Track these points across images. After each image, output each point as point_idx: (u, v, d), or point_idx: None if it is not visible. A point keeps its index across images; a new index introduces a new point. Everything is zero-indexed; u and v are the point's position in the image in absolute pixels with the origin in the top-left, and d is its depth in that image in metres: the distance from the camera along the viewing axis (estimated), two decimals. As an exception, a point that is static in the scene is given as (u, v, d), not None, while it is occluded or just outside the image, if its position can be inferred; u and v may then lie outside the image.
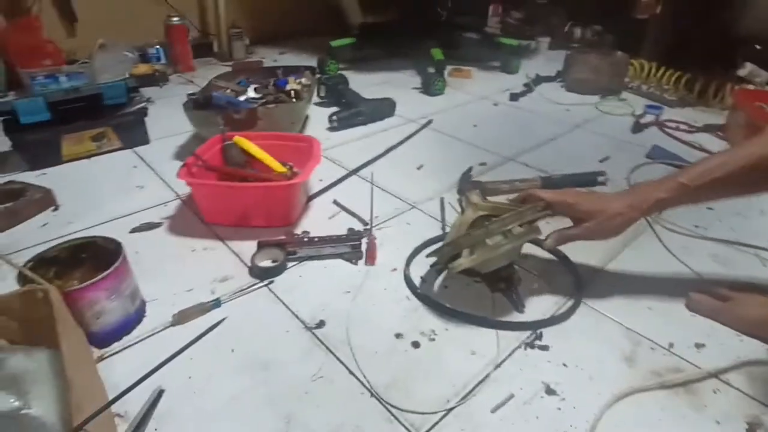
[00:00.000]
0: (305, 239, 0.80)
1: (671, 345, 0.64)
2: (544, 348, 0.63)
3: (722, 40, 1.67)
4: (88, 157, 1.13)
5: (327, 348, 0.63)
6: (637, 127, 1.36)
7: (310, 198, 0.97)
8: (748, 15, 1.67)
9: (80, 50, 1.75)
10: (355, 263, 0.79)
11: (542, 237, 0.69)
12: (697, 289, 0.71)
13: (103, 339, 0.62)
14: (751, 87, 1.49)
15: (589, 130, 1.37)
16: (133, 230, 0.86)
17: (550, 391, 0.58)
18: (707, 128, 1.36)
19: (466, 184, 1.01)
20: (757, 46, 1.60)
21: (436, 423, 0.54)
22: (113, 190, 0.99)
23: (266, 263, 0.77)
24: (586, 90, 1.65)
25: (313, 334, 0.65)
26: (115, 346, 0.63)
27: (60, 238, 0.82)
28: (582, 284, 0.74)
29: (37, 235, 0.84)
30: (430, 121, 1.38)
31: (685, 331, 0.67)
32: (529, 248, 0.82)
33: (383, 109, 1.41)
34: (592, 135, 1.34)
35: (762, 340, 0.64)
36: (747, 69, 1.52)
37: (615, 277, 0.77)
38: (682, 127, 1.38)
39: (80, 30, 1.77)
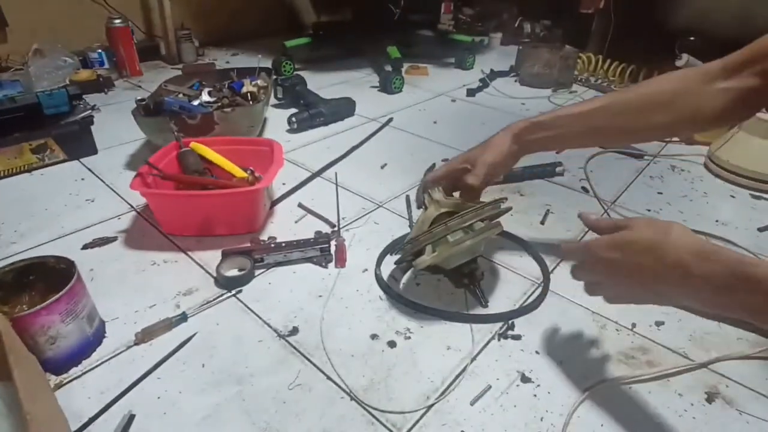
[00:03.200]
0: (272, 245, 0.78)
1: (634, 325, 0.67)
2: (517, 338, 0.65)
3: (661, 32, 1.76)
4: (30, 170, 1.05)
5: (302, 355, 0.62)
6: (589, 118, 1.41)
7: (274, 203, 0.95)
8: (683, 9, 1.78)
9: (12, 56, 1.63)
10: (325, 266, 0.78)
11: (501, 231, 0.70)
12: None
13: (60, 365, 0.58)
14: (688, 76, 1.58)
15: (544, 123, 1.41)
16: (86, 246, 0.81)
17: (525, 379, 0.59)
18: (652, 117, 1.44)
19: (430, 180, 1.02)
20: (692, 38, 1.70)
21: (417, 421, 0.54)
22: (60, 205, 0.93)
23: (232, 272, 0.75)
24: (539, 84, 1.70)
25: (287, 341, 0.64)
26: (74, 371, 0.59)
27: (3, 260, 0.76)
28: (548, 272, 0.77)
29: (-24, 258, 0.78)
30: (390, 120, 1.39)
31: (645, 311, 0.70)
32: (497, 240, 0.84)
33: (343, 109, 1.40)
34: (547, 127, 1.38)
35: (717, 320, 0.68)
36: (684, 60, 1.61)
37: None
38: (629, 116, 1.45)
39: (12, 35, 1.65)
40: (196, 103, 1.21)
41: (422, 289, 0.74)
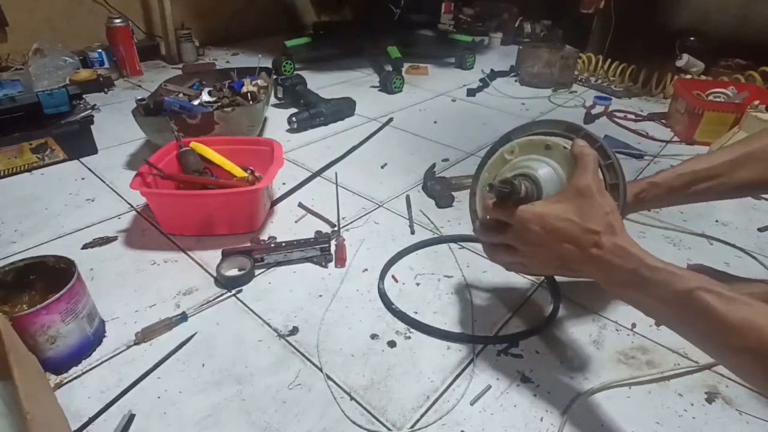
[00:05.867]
0: (272, 245, 0.78)
1: (634, 325, 0.67)
2: (518, 356, 0.62)
3: (661, 33, 1.77)
4: (30, 170, 1.05)
5: (302, 354, 0.62)
6: (589, 118, 1.42)
7: (274, 202, 0.95)
8: (683, 9, 1.78)
9: (13, 56, 1.63)
10: (325, 266, 0.78)
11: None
12: None
13: (60, 364, 0.58)
14: (688, 77, 1.59)
15: (544, 123, 1.41)
16: (86, 246, 0.81)
17: (525, 379, 0.59)
18: (652, 116, 1.44)
19: (430, 180, 1.02)
20: (692, 38, 1.70)
21: (418, 420, 0.54)
22: (60, 205, 0.93)
23: (233, 272, 0.75)
24: (539, 83, 1.70)
25: (287, 341, 0.64)
26: (74, 370, 0.59)
27: (3, 259, 0.76)
28: (559, 294, 0.72)
29: (-24, 257, 0.78)
30: (390, 120, 1.39)
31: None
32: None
33: (343, 108, 1.39)
34: (547, 127, 1.38)
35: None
36: (684, 60, 1.61)
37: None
38: (630, 116, 1.45)
39: (12, 35, 1.65)
40: (196, 102, 1.21)
41: (423, 290, 0.74)
